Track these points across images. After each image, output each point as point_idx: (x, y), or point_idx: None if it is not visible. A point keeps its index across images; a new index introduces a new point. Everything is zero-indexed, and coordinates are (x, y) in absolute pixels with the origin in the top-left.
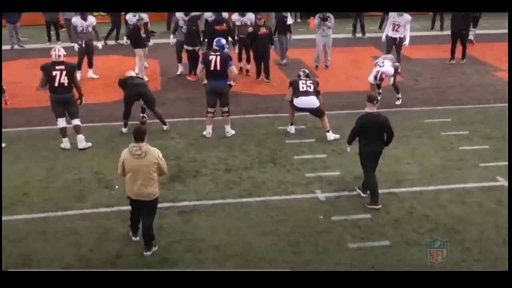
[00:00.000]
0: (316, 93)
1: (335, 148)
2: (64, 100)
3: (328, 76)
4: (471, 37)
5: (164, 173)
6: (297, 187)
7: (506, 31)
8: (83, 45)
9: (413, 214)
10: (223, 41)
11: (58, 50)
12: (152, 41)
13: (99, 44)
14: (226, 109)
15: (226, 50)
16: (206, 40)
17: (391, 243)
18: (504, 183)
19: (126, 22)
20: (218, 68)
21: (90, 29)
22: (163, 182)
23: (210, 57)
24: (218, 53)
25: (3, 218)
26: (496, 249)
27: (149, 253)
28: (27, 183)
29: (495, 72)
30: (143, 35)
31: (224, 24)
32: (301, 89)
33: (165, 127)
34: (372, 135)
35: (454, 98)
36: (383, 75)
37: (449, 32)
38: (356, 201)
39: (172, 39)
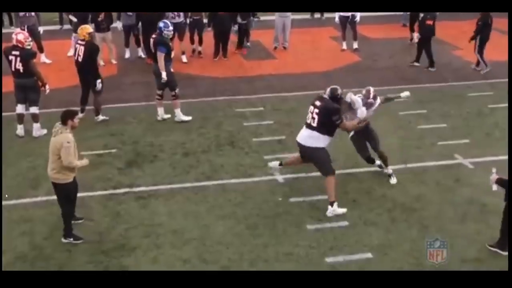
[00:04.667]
0: (321, 126)
1: (294, 130)
2: (24, 86)
3: (286, 57)
4: None
5: (64, 162)
6: (256, 169)
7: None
8: (25, 30)
9: (372, 194)
10: (161, 23)
11: (16, 34)
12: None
13: (41, 29)
14: (172, 92)
15: (165, 33)
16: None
17: (349, 224)
18: (462, 161)
19: None
20: (153, 50)
21: (33, 13)
22: (120, 167)
23: (151, 39)
24: (154, 36)
25: None
26: (453, 226)
27: (64, 240)
28: None
29: (453, 50)
30: (100, 19)
31: None
32: (306, 120)
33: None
34: None
35: (413, 77)
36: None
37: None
38: (314, 183)
39: (118, 24)
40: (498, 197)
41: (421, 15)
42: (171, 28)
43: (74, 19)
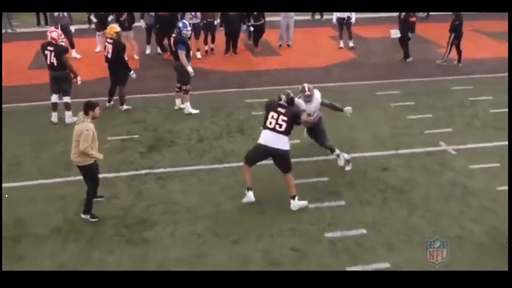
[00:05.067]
0: (288, 130)
1: None
2: (58, 78)
3: (290, 54)
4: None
5: (80, 147)
6: None
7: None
8: (59, 29)
9: (366, 176)
10: (180, 24)
11: (51, 32)
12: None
13: (73, 28)
14: (183, 87)
15: (184, 32)
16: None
17: (346, 203)
18: (446, 147)
19: None
20: (173, 48)
21: (65, 13)
22: (141, 151)
23: (172, 38)
24: (174, 35)
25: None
26: (439, 206)
27: (82, 216)
28: (21, 154)
29: (437, 49)
30: (122, 18)
31: None
32: (267, 124)
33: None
34: None
35: (402, 73)
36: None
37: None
38: (314, 166)
39: (142, 23)
40: (478, 180)
41: None
42: (189, 28)
43: (94, 20)
